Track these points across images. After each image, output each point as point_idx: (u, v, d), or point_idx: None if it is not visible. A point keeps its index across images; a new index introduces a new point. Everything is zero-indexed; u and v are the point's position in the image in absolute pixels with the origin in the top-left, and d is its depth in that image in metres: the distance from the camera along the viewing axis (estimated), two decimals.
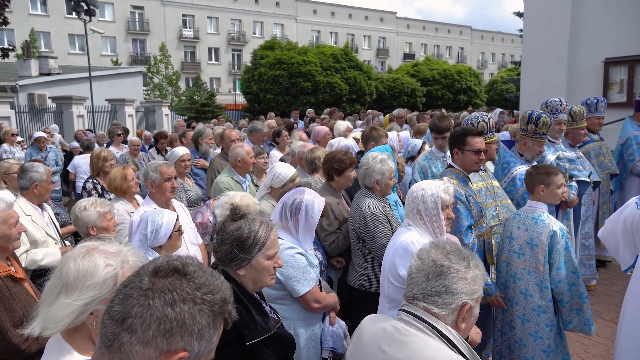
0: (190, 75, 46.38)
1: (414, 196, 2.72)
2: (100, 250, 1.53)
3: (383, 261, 2.78)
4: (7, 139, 9.24)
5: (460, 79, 39.01)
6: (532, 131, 4.48)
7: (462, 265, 1.62)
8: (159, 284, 0.99)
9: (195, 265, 1.07)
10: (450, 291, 1.59)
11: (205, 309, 1.00)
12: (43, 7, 41.38)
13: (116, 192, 4.24)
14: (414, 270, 1.67)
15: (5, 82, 17.60)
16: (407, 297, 1.68)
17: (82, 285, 1.45)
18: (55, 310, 1.43)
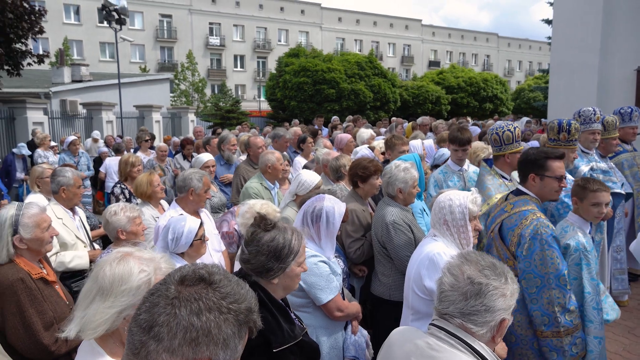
0: (216, 82, 47.06)
1: (441, 206, 2.68)
2: (135, 256, 1.57)
3: (407, 272, 2.75)
4: (42, 143, 9.52)
5: (486, 86, 38.56)
6: (565, 139, 4.38)
7: (500, 282, 1.58)
8: (185, 292, 1.00)
9: (221, 274, 1.07)
10: (491, 309, 1.56)
11: (231, 318, 1.00)
12: (76, 16, 42.69)
13: (142, 197, 4.32)
14: (447, 288, 1.62)
15: (39, 89, 18.18)
16: (440, 313, 1.64)
17: (117, 290, 1.49)
18: (91, 315, 1.47)
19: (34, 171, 5.23)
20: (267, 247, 1.99)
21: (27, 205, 2.52)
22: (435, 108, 34.93)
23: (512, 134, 4.01)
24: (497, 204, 3.30)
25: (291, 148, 7.27)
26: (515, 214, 2.95)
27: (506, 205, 3.07)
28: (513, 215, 2.95)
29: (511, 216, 2.96)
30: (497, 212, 3.17)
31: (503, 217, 3.03)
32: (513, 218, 2.93)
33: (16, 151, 9.64)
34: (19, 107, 14.25)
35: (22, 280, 2.35)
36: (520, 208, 2.95)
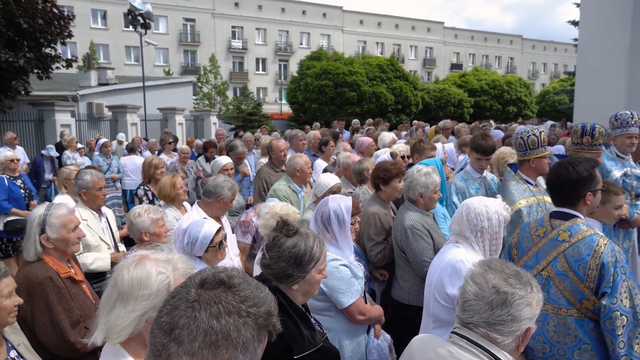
0: (238, 85, 47.52)
1: (477, 212, 2.54)
2: (151, 259, 1.59)
3: (428, 278, 2.71)
4: (70, 145, 9.75)
5: (509, 89, 38.02)
6: (589, 143, 4.29)
7: (526, 291, 1.56)
8: (205, 296, 1.01)
9: (241, 277, 1.08)
10: (517, 319, 1.54)
11: (250, 321, 1.01)
12: (103, 21, 43.68)
13: (165, 199, 4.39)
14: (471, 297, 1.59)
15: (67, 92, 18.63)
16: (463, 322, 1.62)
17: (136, 294, 1.50)
18: (114, 320, 1.49)
19: (61, 173, 5.38)
20: (288, 253, 1.98)
21: (56, 206, 2.59)
22: (458, 111, 34.58)
23: (537, 139, 3.94)
24: (533, 234, 2.71)
25: (310, 151, 7.27)
26: (579, 242, 2.46)
27: (559, 233, 2.55)
28: (578, 245, 2.46)
29: (575, 246, 2.46)
30: (545, 244, 2.59)
31: (561, 248, 2.51)
32: (580, 247, 2.44)
33: (45, 153, 9.90)
34: (48, 110, 14.65)
35: (51, 279, 2.41)
36: (584, 234, 2.48)
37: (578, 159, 2.72)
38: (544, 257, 2.57)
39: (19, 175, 6.43)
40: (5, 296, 2.00)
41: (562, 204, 2.67)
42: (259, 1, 50.47)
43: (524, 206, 3.70)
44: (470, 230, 2.55)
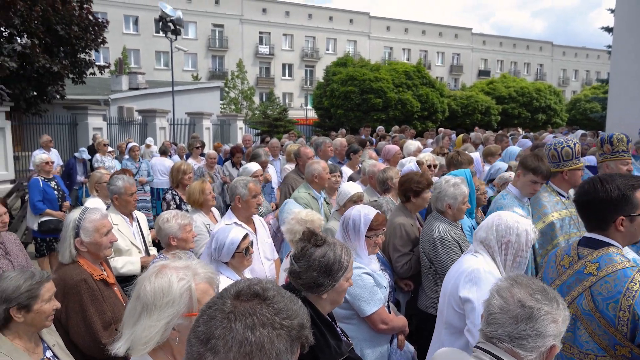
0: (264, 90, 47.97)
1: (508, 225, 2.48)
2: (171, 267, 1.61)
3: (443, 286, 2.70)
4: (100, 149, 10.01)
5: (539, 97, 37.30)
6: (610, 151, 4.17)
7: (552, 307, 1.55)
8: (240, 307, 1.04)
9: (275, 289, 1.10)
10: (542, 335, 1.53)
11: (284, 333, 1.02)
12: (135, 26, 44.79)
13: (194, 204, 4.46)
14: (497, 310, 1.59)
15: (99, 96, 19.14)
16: (487, 336, 1.62)
17: (160, 303, 1.53)
18: (139, 332, 1.52)
19: (93, 176, 5.52)
20: (318, 262, 2.01)
21: (90, 211, 2.67)
22: (485, 119, 34.12)
23: (571, 150, 3.84)
24: (558, 264, 2.40)
25: (335, 158, 7.29)
26: (608, 276, 2.11)
27: (585, 264, 2.21)
28: (607, 280, 2.10)
29: (603, 281, 2.11)
30: (570, 277, 2.28)
31: (587, 283, 2.18)
32: (609, 283, 2.09)
33: (77, 155, 10.18)
34: (81, 113, 15.06)
35: (85, 281, 2.49)
36: (615, 266, 2.12)
37: (613, 176, 2.33)
38: (568, 291, 2.24)
39: (53, 177, 6.63)
40: (46, 300, 2.08)
41: (592, 228, 2.30)
42: (287, 7, 50.95)
43: (557, 219, 3.62)
44: (496, 240, 2.50)
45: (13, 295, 2.03)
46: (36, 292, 2.07)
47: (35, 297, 2.07)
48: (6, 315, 2.05)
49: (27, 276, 2.09)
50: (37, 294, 2.07)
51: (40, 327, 2.14)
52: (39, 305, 2.08)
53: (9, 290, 2.04)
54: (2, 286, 2.05)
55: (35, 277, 2.10)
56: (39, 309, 2.08)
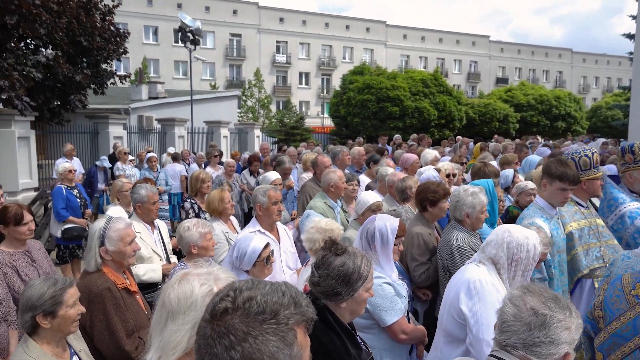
0: (281, 99, 48.29)
1: (519, 242, 2.45)
2: (193, 274, 1.65)
3: (445, 294, 2.70)
4: (121, 157, 10.18)
5: (558, 104, 36.82)
6: (632, 160, 4.10)
7: (565, 314, 1.57)
8: (216, 328, 1.02)
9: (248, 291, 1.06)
10: (555, 342, 1.54)
11: (269, 335, 1.00)
12: (154, 36, 45.59)
13: (214, 213, 4.51)
14: (510, 318, 1.61)
15: (120, 105, 19.51)
16: (501, 344, 1.64)
17: (184, 307, 1.56)
18: (167, 337, 1.55)
19: (114, 185, 5.63)
20: (337, 271, 2.04)
21: (115, 220, 2.73)
22: (503, 126, 33.77)
23: (589, 160, 3.81)
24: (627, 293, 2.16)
25: (353, 167, 7.30)
26: None
27: None
28: None
29: None
30: None
31: None
32: None
33: (98, 164, 10.38)
34: (102, 123, 15.38)
35: (110, 290, 2.55)
36: None
37: None
38: None
39: (75, 185, 6.77)
40: (70, 305, 2.14)
41: None
42: (304, 16, 51.34)
43: (575, 229, 3.59)
44: (506, 258, 2.47)
45: (38, 303, 2.09)
46: (60, 298, 2.13)
47: (60, 303, 2.12)
48: (33, 322, 2.11)
49: (51, 283, 2.14)
50: (62, 300, 2.13)
51: (66, 333, 2.19)
52: (64, 311, 2.13)
53: (34, 297, 2.10)
54: (27, 294, 2.12)
55: (59, 283, 2.16)
56: (64, 314, 2.13)
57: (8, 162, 9.56)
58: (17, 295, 3.23)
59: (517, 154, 8.20)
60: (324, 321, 2.03)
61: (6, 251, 3.31)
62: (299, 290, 1.11)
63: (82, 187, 7.23)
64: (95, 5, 13.43)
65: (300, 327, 1.05)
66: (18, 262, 3.28)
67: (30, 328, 2.13)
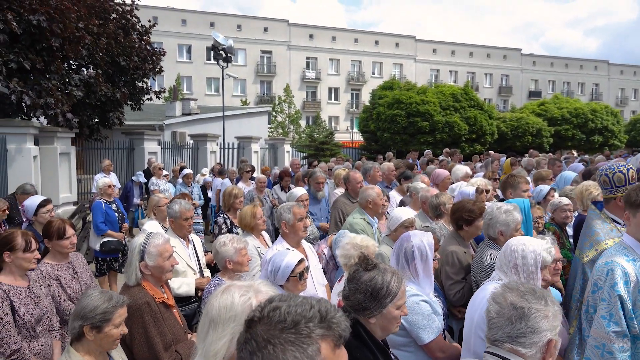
0: (311, 114, 48.69)
1: (512, 249, 2.57)
2: (236, 286, 1.74)
3: (468, 314, 2.67)
4: (156, 172, 10.47)
5: (594, 117, 35.86)
6: None
7: (541, 305, 1.73)
8: (245, 335, 1.11)
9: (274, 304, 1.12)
10: (536, 331, 1.69)
11: (287, 345, 1.03)
12: (187, 54, 46.88)
13: (246, 228, 4.59)
14: (494, 315, 1.77)
15: (154, 121, 20.08)
16: (490, 340, 1.79)
17: (224, 318, 1.64)
18: (208, 345, 1.63)
19: (151, 200, 5.80)
20: (365, 286, 2.07)
21: (154, 236, 2.83)
22: (536, 141, 33.09)
23: (624, 176, 3.67)
24: None
25: (383, 183, 7.30)
26: None
27: None
28: None
29: None
30: None
31: None
32: None
33: (134, 179, 10.71)
34: (138, 139, 15.87)
35: (149, 304, 2.63)
36: None
37: None
38: None
39: (114, 200, 6.99)
40: (116, 325, 2.23)
41: None
42: (333, 32, 51.89)
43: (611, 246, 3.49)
44: (506, 266, 2.59)
45: (90, 315, 2.19)
46: (110, 315, 2.21)
47: (108, 321, 2.21)
48: (80, 330, 2.20)
49: (106, 298, 2.23)
50: (110, 318, 2.21)
51: (107, 349, 2.28)
52: (109, 329, 2.22)
53: (87, 308, 2.19)
54: (83, 303, 2.22)
55: (112, 300, 2.24)
56: (108, 332, 2.22)
57: (50, 177, 9.95)
58: (60, 307, 3.36)
59: (550, 168, 8.03)
60: (357, 337, 2.06)
61: (50, 264, 3.46)
62: (333, 306, 1.13)
63: (120, 202, 7.44)
64: (133, 26, 13.97)
65: (326, 341, 1.06)
66: (61, 274, 3.42)
67: (76, 335, 2.22)
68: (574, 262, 3.77)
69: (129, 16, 13.84)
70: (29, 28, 8.93)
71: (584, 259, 3.51)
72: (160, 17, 40.17)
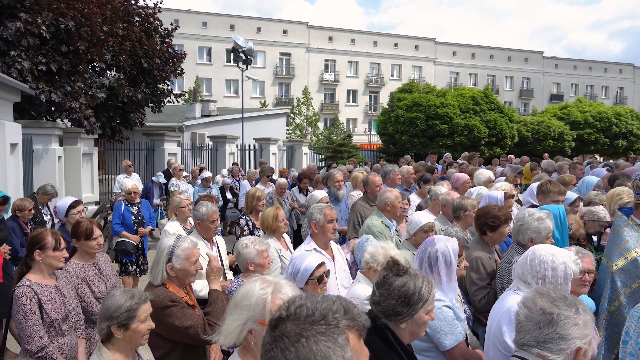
0: (329, 116, 48.75)
1: (541, 259, 2.46)
2: (262, 279, 1.83)
3: (488, 325, 2.65)
4: (176, 173, 10.59)
5: (619, 122, 35.09)
6: None
7: (571, 312, 1.70)
8: (273, 334, 1.12)
9: (299, 301, 1.15)
10: (564, 337, 1.67)
11: (319, 335, 1.06)
12: (207, 57, 47.39)
13: (267, 230, 4.60)
14: (522, 319, 1.76)
15: (174, 122, 20.33)
16: (518, 344, 1.77)
17: (241, 304, 1.74)
18: (227, 324, 1.75)
19: (172, 201, 5.86)
20: (397, 291, 2.07)
21: (183, 239, 2.86)
22: (558, 145, 32.53)
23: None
24: None
25: (402, 186, 7.26)
26: None
27: None
28: None
29: None
30: None
31: None
32: None
33: (155, 179, 10.84)
34: (158, 140, 16.07)
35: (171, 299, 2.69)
36: None
37: None
38: None
39: (137, 203, 6.98)
40: (142, 320, 2.27)
41: None
42: (352, 35, 51.92)
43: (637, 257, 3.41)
44: (532, 277, 2.47)
45: (115, 314, 2.24)
46: (134, 312, 2.26)
47: (133, 317, 2.26)
48: (108, 331, 2.26)
49: (128, 297, 2.28)
50: (135, 315, 2.26)
51: (136, 345, 2.32)
52: (136, 325, 2.26)
53: (112, 308, 2.24)
54: (107, 304, 2.27)
55: (135, 298, 2.29)
56: (135, 328, 2.26)
57: (73, 177, 10.15)
58: (87, 306, 3.42)
59: (572, 172, 7.85)
60: (385, 341, 2.06)
61: (78, 263, 3.52)
62: (350, 301, 1.17)
63: (147, 206, 7.33)
64: (156, 29, 14.19)
65: (352, 331, 1.10)
66: (88, 274, 3.48)
67: (105, 336, 2.28)
68: (601, 271, 3.69)
69: (151, 19, 14.06)
70: (58, 32, 9.13)
71: (612, 268, 3.43)
72: (181, 19, 40.64)
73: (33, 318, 2.95)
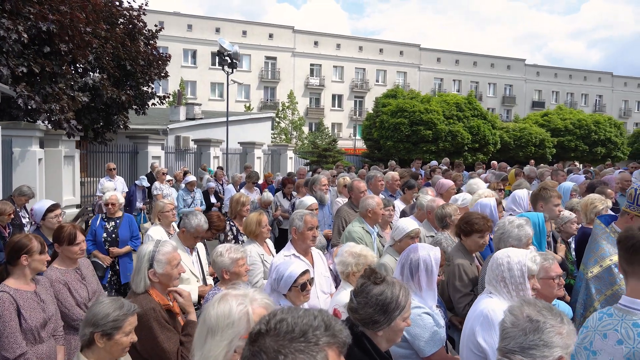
0: (314, 121, 48.80)
1: (498, 263, 2.59)
2: (232, 294, 1.79)
3: (463, 328, 2.72)
4: (159, 177, 10.49)
5: (597, 129, 35.84)
6: None
7: (556, 321, 1.74)
8: (252, 349, 1.11)
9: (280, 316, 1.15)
10: (548, 345, 1.70)
11: (298, 354, 1.05)
12: (192, 59, 47.10)
13: (250, 235, 4.59)
14: (509, 325, 1.78)
15: (158, 125, 20.15)
16: (502, 351, 1.79)
17: (222, 325, 1.70)
18: (207, 352, 1.69)
19: (156, 206, 5.78)
20: (375, 299, 2.09)
21: (163, 243, 2.84)
22: (539, 151, 33.08)
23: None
24: None
25: (387, 191, 7.29)
26: None
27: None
28: None
29: None
30: None
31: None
32: None
33: (138, 183, 10.71)
34: (142, 143, 15.89)
35: (154, 310, 2.64)
36: None
37: None
38: None
39: (121, 217, 6.01)
40: (126, 333, 2.25)
41: None
42: (338, 40, 52.13)
43: (616, 263, 3.48)
44: (495, 280, 2.60)
45: (101, 322, 2.20)
46: (120, 323, 2.23)
47: (118, 328, 2.22)
48: (90, 337, 2.22)
49: (117, 306, 2.25)
50: (121, 326, 2.23)
51: (116, 357, 2.29)
52: (120, 336, 2.23)
53: (99, 315, 2.21)
54: (95, 310, 2.23)
55: (124, 308, 2.26)
56: (119, 339, 2.23)
57: (54, 179, 9.98)
58: (68, 312, 3.38)
59: (554, 179, 7.98)
60: (362, 349, 2.07)
61: (59, 269, 3.47)
62: (333, 316, 1.17)
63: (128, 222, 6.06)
64: (140, 31, 14.08)
65: (332, 348, 1.10)
66: (70, 280, 3.44)
67: (87, 342, 2.24)
68: (578, 278, 3.76)
69: (135, 21, 13.95)
70: (39, 34, 8.99)
71: (588, 275, 3.50)
72: (166, 22, 40.34)
73: (11, 324, 2.89)
